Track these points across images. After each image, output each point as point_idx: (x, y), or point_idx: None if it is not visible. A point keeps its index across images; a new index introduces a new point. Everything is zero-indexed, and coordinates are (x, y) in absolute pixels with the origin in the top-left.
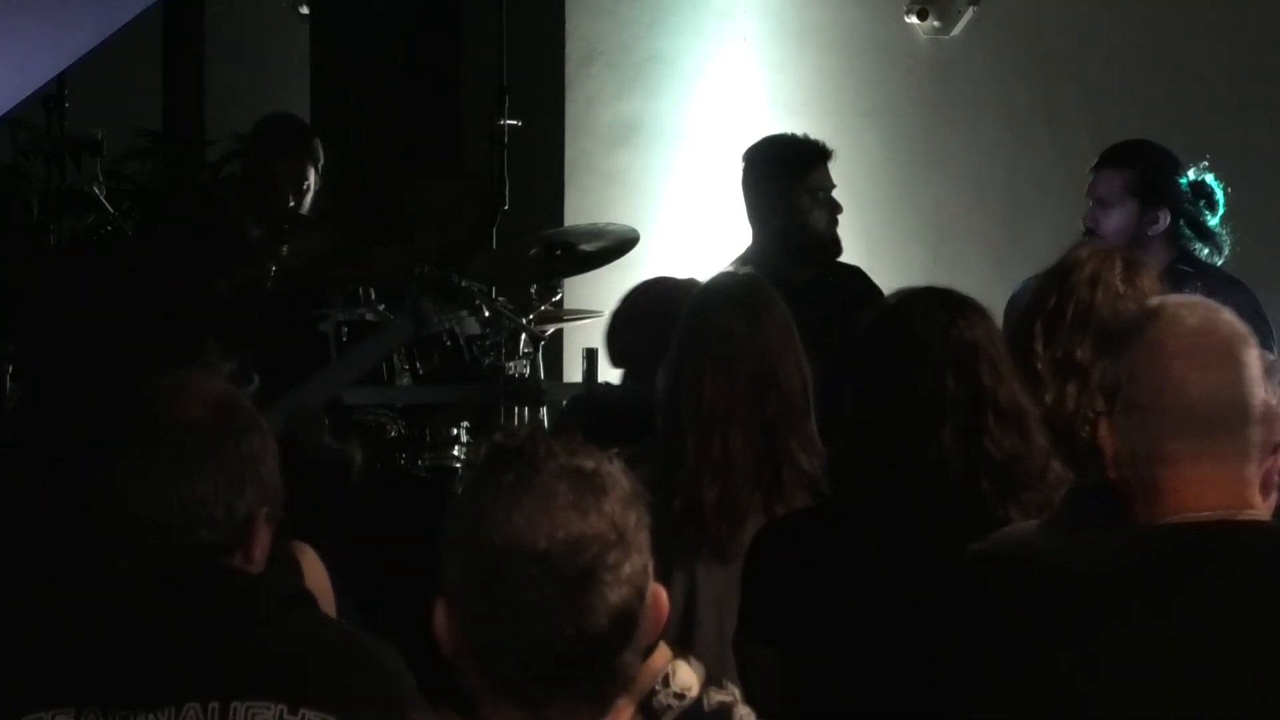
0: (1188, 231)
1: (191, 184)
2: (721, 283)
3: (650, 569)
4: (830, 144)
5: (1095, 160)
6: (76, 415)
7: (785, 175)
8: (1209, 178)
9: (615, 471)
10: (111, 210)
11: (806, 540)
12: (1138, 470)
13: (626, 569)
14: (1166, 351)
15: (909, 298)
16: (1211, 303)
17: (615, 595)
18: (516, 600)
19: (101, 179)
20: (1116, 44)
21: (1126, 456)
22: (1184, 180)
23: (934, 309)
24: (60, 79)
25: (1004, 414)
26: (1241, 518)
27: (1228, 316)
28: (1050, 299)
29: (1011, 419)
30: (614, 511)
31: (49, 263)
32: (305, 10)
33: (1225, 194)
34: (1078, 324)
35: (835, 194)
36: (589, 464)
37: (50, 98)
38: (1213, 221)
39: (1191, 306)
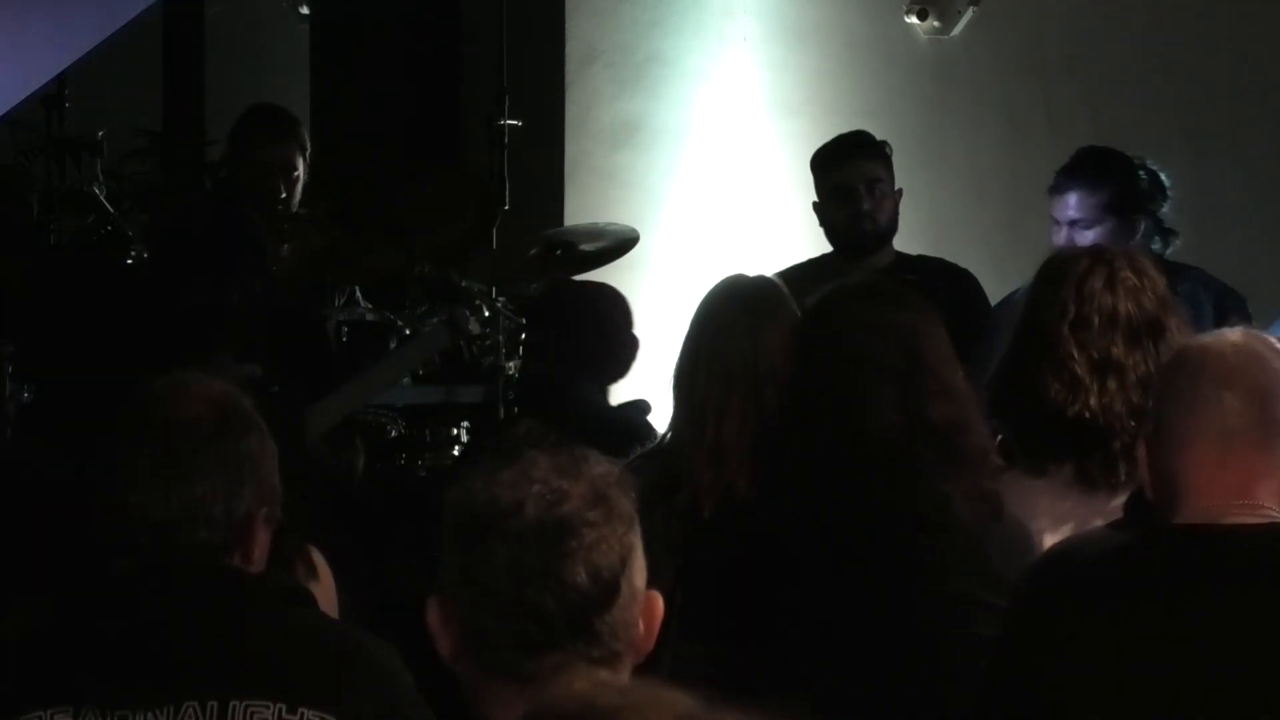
0: (1154, 231)
1: (207, 192)
2: (728, 282)
3: (636, 544)
4: None
5: (1054, 181)
6: (81, 417)
7: (816, 177)
8: (1150, 165)
9: (600, 457)
10: (111, 210)
11: (736, 531)
12: (1168, 478)
13: (606, 530)
14: (1205, 375)
15: (852, 285)
16: (1252, 332)
17: (596, 554)
18: (498, 555)
19: (101, 179)
20: (1116, 44)
21: (1159, 473)
22: (1143, 177)
23: (879, 294)
24: (60, 79)
25: (945, 388)
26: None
27: (1268, 342)
28: (1069, 310)
29: (953, 394)
30: (596, 480)
31: (51, 263)
32: (305, 10)
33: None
34: (1106, 326)
35: None
36: (573, 448)
37: (50, 98)
38: (1164, 211)
39: (1231, 336)
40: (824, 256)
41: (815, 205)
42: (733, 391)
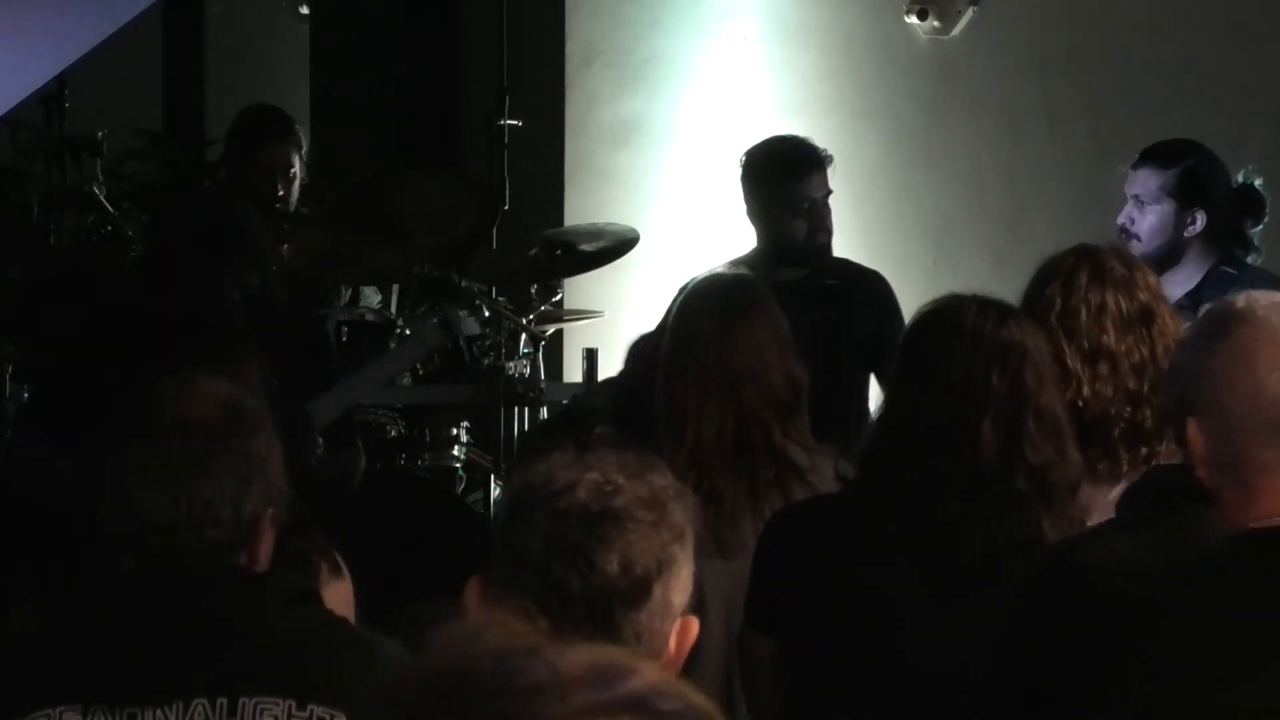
0: (1224, 235)
1: (204, 189)
2: (704, 282)
3: (681, 560)
4: (830, 144)
5: (1136, 157)
6: (86, 415)
7: (767, 185)
8: (1257, 183)
9: (667, 472)
10: (111, 210)
11: (817, 526)
12: (1229, 474)
13: (651, 532)
14: (1260, 362)
15: (960, 298)
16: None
17: (634, 549)
18: (538, 528)
19: (101, 179)
20: (1116, 44)
21: (1216, 460)
22: (1227, 183)
23: (986, 309)
24: (60, 79)
25: (1044, 420)
26: None
27: None
28: (1055, 304)
29: (1050, 427)
30: (656, 488)
31: (51, 263)
32: (305, 10)
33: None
34: (1096, 315)
35: (836, 196)
36: (645, 456)
37: (50, 98)
38: (1255, 228)
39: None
40: (749, 257)
41: (755, 212)
42: (708, 395)
